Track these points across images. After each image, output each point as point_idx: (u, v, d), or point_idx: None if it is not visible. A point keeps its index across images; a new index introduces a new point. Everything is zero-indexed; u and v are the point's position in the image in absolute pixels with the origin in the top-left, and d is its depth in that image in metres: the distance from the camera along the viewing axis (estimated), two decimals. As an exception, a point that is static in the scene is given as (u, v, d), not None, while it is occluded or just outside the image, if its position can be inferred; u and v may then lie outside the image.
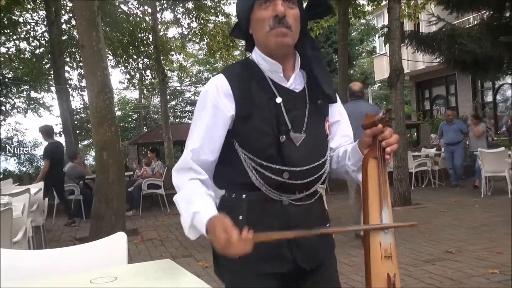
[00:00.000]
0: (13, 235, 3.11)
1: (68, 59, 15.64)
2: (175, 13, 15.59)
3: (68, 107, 13.77)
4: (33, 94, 18.70)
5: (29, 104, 19.29)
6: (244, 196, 1.27)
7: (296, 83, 1.32)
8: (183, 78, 30.45)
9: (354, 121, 1.51)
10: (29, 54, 15.51)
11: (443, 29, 9.81)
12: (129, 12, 15.64)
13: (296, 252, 1.27)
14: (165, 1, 15.11)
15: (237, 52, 16.53)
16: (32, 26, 15.29)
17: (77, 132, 17.00)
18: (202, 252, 4.96)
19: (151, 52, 15.31)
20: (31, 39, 15.10)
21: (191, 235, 1.21)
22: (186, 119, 31.79)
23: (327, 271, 1.36)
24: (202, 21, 15.06)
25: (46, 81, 16.64)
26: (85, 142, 25.66)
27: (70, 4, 13.41)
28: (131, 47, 15.71)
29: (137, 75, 17.48)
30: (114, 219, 5.90)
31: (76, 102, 21.11)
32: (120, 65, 16.57)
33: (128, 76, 17.20)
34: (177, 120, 30.76)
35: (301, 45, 1.32)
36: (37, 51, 15.42)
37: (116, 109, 14.05)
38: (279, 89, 1.29)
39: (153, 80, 17.14)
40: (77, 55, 15.02)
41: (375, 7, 11.80)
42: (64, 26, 14.72)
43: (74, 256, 1.46)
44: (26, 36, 14.99)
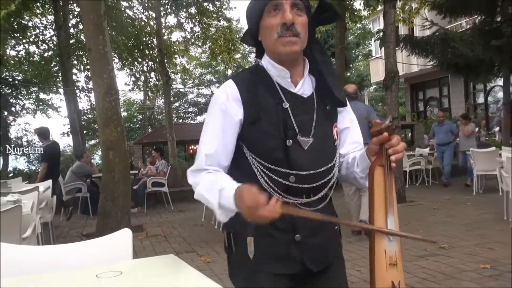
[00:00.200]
0: (22, 231, 3.13)
1: (75, 62, 15.78)
2: (179, 17, 15.70)
3: (75, 108, 13.94)
4: (42, 96, 18.87)
5: (38, 105, 19.41)
6: None
7: (304, 88, 1.32)
8: (186, 80, 30.16)
9: None
10: (38, 57, 15.61)
11: (437, 33, 10.00)
12: (134, 16, 15.73)
13: (304, 253, 1.28)
14: (169, 6, 15.21)
15: (238, 55, 16.53)
16: (41, 30, 15.41)
17: (84, 132, 16.99)
18: (205, 248, 5.08)
19: (155, 55, 15.37)
20: (40, 42, 15.22)
21: (222, 217, 1.20)
22: (189, 120, 32.04)
23: (335, 271, 1.37)
24: (204, 25, 15.04)
25: (54, 83, 16.75)
26: (92, 142, 25.48)
27: (77, 9, 13.46)
28: (136, 51, 15.74)
29: (142, 78, 17.55)
30: (120, 216, 5.95)
31: (83, 103, 21.15)
32: (125, 68, 16.62)
33: (133, 79, 17.26)
34: (180, 121, 30.70)
35: (310, 50, 1.33)
36: (45, 54, 15.54)
37: (122, 110, 14.11)
38: (286, 94, 1.29)
39: (157, 82, 17.10)
40: (84, 58, 15.14)
41: (371, 12, 11.85)
42: (71, 30, 14.91)
43: (81, 252, 1.47)
44: (35, 40, 15.11)
